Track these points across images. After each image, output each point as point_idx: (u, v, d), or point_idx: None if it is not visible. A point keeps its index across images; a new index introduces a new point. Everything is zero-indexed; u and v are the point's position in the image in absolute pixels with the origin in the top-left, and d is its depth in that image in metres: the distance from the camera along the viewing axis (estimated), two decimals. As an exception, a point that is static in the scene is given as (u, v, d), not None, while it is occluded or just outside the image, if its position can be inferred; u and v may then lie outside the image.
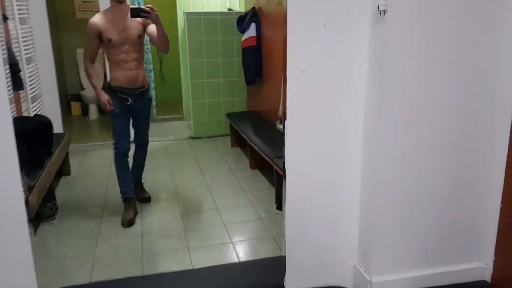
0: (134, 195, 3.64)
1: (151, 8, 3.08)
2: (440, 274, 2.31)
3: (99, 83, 3.46)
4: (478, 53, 2.05)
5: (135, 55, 3.37)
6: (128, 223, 3.43)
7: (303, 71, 1.98)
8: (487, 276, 2.37)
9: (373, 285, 2.23)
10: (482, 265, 2.37)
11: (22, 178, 3.01)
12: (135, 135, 3.75)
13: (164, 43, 3.30)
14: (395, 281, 2.26)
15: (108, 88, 3.46)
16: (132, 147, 3.66)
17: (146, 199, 3.83)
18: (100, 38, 3.28)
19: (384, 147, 2.06)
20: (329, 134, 2.12)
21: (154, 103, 6.56)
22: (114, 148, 3.53)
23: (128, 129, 3.56)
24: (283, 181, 2.15)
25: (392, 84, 1.97)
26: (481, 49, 2.04)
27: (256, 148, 4.15)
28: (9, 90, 3.52)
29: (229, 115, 5.39)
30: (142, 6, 3.13)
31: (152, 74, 6.47)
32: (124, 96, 3.40)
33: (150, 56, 6.41)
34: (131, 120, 3.61)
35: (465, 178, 2.22)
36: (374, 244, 2.21)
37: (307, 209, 2.24)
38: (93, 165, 4.89)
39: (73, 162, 4.77)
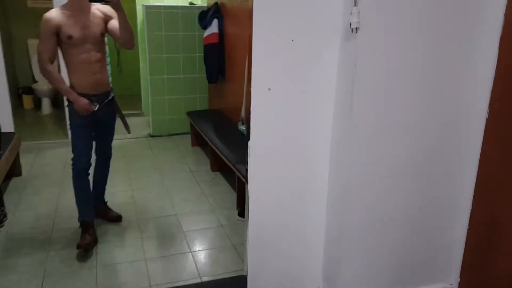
0: (94, 219, 3.23)
1: None
2: (405, 294, 2.28)
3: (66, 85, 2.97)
4: (450, 72, 1.99)
5: (98, 56, 2.97)
6: (84, 249, 3.02)
7: (269, 89, 1.87)
8: (452, 295, 2.36)
9: (337, 307, 2.17)
10: (447, 286, 2.35)
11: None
12: (97, 148, 3.28)
13: (128, 35, 2.91)
14: (360, 302, 2.21)
15: (68, 98, 3.01)
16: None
17: (117, 218, 3.45)
18: (57, 36, 2.84)
19: (351, 168, 1.99)
20: (295, 155, 2.03)
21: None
22: (72, 165, 3.06)
23: (91, 143, 3.13)
24: (246, 188, 2.04)
25: (362, 105, 1.89)
26: (453, 68, 1.99)
27: (217, 150, 4.03)
28: None
29: (189, 114, 5.23)
30: None
31: (109, 67, 6.22)
32: (89, 101, 2.97)
33: (107, 48, 6.15)
34: (94, 131, 3.17)
35: (432, 201, 2.18)
36: (340, 266, 2.15)
37: (270, 232, 2.15)
38: (46, 165, 4.66)
39: (25, 161, 4.54)
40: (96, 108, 3.01)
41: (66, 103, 3.11)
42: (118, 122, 3.37)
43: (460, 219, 2.21)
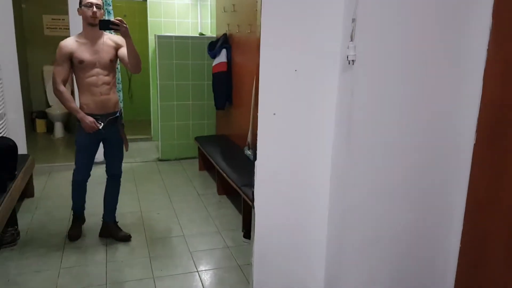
0: (84, 210, 3.72)
1: (120, 20, 3.02)
2: (401, 309, 2.39)
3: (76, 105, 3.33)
4: (440, 102, 2.14)
5: (106, 79, 3.30)
6: (75, 238, 3.57)
7: (274, 113, 2.04)
8: (445, 311, 2.46)
9: (337, 320, 2.28)
10: (441, 301, 2.45)
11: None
12: (106, 166, 3.58)
13: (135, 60, 3.21)
14: (358, 315, 2.32)
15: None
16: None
17: (127, 238, 3.60)
18: (71, 60, 3.22)
19: (350, 187, 2.13)
20: (298, 175, 2.18)
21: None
22: (73, 175, 3.51)
23: (92, 160, 3.50)
24: (252, 210, 2.18)
25: (359, 129, 2.03)
26: (442, 98, 2.14)
27: (224, 174, 4.17)
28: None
29: (197, 139, 5.41)
30: (112, 19, 3.08)
31: (121, 93, 6.44)
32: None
33: (119, 75, 6.39)
34: (103, 150, 3.53)
35: (426, 220, 2.30)
36: (340, 279, 2.26)
37: (275, 248, 2.27)
38: (57, 186, 4.81)
39: (37, 183, 4.69)
40: (100, 127, 3.31)
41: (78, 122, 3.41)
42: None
43: (453, 237, 2.32)
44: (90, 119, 3.26)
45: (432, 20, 2.03)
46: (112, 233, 3.63)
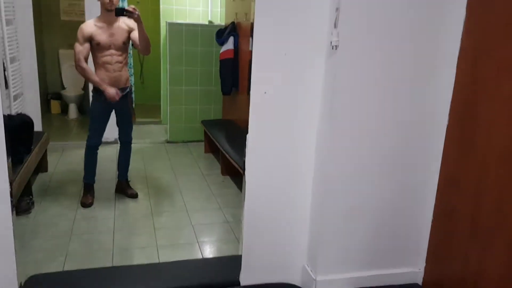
0: (94, 182, 4.07)
1: (134, 8, 3.50)
2: (378, 276, 2.60)
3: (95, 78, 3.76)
4: (416, 85, 2.35)
5: (119, 58, 3.78)
6: (88, 205, 3.91)
7: (265, 92, 2.27)
8: (419, 280, 2.67)
9: (318, 283, 2.51)
10: (415, 270, 2.67)
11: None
12: (119, 134, 4.12)
13: (145, 43, 3.69)
14: (337, 280, 2.54)
15: (93, 89, 3.84)
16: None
17: (134, 195, 4.16)
18: (90, 41, 3.67)
19: (332, 162, 2.35)
20: (285, 149, 2.41)
21: (133, 105, 6.77)
22: (87, 141, 3.95)
23: (104, 128, 3.96)
24: (243, 178, 2.41)
25: (341, 109, 2.27)
26: (419, 81, 2.35)
27: (227, 155, 4.40)
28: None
29: (204, 122, 5.65)
30: (126, 7, 3.51)
31: (133, 78, 6.68)
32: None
33: (132, 61, 6.62)
34: (116, 120, 4.03)
35: (402, 195, 2.52)
36: (321, 247, 2.49)
37: (263, 214, 2.50)
38: (70, 163, 5.06)
39: (51, 159, 4.94)
40: (119, 96, 3.79)
41: (91, 94, 3.91)
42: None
43: (426, 211, 2.54)
44: (113, 89, 3.74)
45: (411, 10, 2.23)
46: (123, 189, 4.20)
